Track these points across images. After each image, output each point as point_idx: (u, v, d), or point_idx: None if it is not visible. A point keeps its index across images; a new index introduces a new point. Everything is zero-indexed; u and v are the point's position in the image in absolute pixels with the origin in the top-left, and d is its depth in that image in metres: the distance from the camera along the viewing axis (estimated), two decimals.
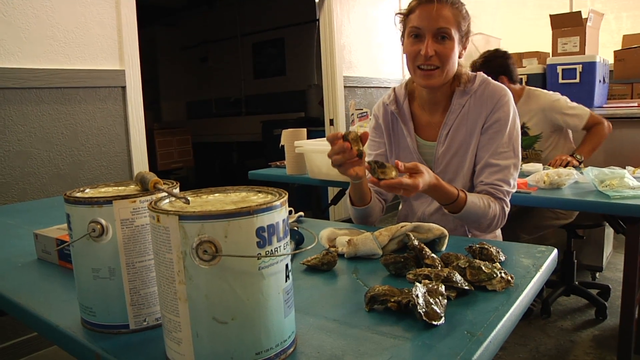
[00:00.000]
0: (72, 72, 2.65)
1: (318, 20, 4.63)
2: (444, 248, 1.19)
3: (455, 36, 1.40)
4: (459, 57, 1.47)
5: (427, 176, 1.25)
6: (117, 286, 0.80)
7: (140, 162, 2.98)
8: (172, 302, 0.66)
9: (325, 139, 2.94)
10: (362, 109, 2.71)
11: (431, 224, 1.21)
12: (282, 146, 2.75)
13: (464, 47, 1.48)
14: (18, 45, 2.46)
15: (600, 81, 3.75)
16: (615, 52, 4.03)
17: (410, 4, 1.45)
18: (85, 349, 0.80)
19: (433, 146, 1.54)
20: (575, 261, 2.81)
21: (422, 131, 1.57)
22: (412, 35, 1.43)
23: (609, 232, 3.25)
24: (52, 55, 2.60)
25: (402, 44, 1.51)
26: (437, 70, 1.42)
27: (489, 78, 1.52)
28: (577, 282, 2.82)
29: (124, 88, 2.88)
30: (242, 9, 7.47)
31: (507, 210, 1.44)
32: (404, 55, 1.50)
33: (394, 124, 1.61)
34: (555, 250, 1.14)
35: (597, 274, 3.22)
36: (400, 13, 1.48)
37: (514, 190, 1.46)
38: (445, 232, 1.19)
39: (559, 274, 2.84)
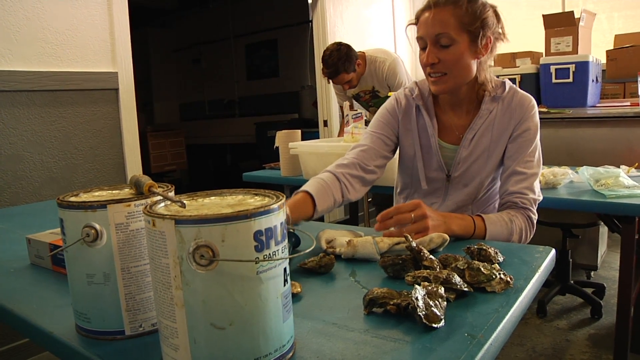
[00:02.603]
0: (64, 74, 2.63)
1: (311, 21, 4.62)
2: (441, 249, 1.18)
3: (461, 37, 1.34)
4: (478, 58, 1.40)
5: (430, 210, 1.21)
6: (112, 292, 0.79)
7: (133, 164, 2.96)
8: (169, 308, 0.65)
9: (319, 141, 2.93)
10: (356, 110, 2.70)
11: (432, 234, 1.20)
12: (277, 148, 2.74)
13: (485, 47, 1.38)
14: (8, 48, 2.44)
15: (593, 81, 3.76)
16: (607, 51, 4.04)
17: (417, 13, 1.42)
18: (80, 356, 0.78)
19: (454, 149, 1.51)
20: (571, 260, 2.82)
21: (442, 133, 1.53)
22: (420, 46, 1.41)
23: (604, 231, 3.25)
24: (43, 57, 2.57)
25: None
26: (444, 76, 1.39)
27: (515, 86, 1.49)
28: (572, 281, 2.83)
29: (116, 90, 2.86)
30: (234, 11, 7.45)
31: (535, 218, 1.40)
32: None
33: (418, 119, 1.55)
34: (554, 251, 1.14)
35: (592, 273, 3.23)
36: (411, 23, 1.45)
37: (540, 199, 1.42)
38: (447, 237, 1.18)
39: (554, 273, 2.85)
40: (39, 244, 1.24)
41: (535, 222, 1.41)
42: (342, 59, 3.07)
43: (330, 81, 3.31)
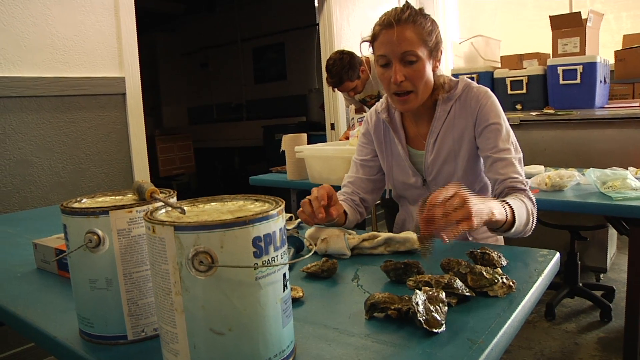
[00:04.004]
0: (72, 80, 2.66)
1: (318, 24, 4.63)
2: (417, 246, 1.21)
3: (424, 54, 1.37)
4: (434, 70, 1.44)
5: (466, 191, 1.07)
6: (115, 297, 0.80)
7: (141, 169, 2.97)
8: (169, 313, 0.65)
9: (325, 144, 2.94)
10: (362, 113, 2.70)
11: (408, 235, 1.22)
12: (283, 151, 2.75)
13: (438, 60, 1.44)
14: (18, 54, 2.46)
15: (601, 81, 3.74)
16: (615, 52, 4.01)
17: (373, 29, 1.42)
18: None
19: (422, 155, 1.54)
20: (579, 263, 2.80)
21: (412, 141, 1.58)
22: (381, 63, 1.41)
23: (613, 233, 3.23)
24: (52, 63, 2.60)
25: None
26: (411, 94, 1.41)
27: (472, 82, 1.50)
28: (581, 284, 2.81)
29: (124, 95, 2.88)
30: (241, 14, 7.48)
31: (534, 198, 1.37)
32: None
33: (385, 132, 1.61)
34: (558, 254, 1.13)
35: (602, 276, 3.20)
36: (365, 40, 1.46)
37: (529, 182, 1.43)
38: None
39: (562, 276, 2.83)
40: (45, 248, 1.25)
41: (535, 202, 1.37)
42: (345, 67, 3.07)
43: (336, 89, 3.31)
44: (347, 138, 3.15)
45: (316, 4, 4.58)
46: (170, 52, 8.15)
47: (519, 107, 4.00)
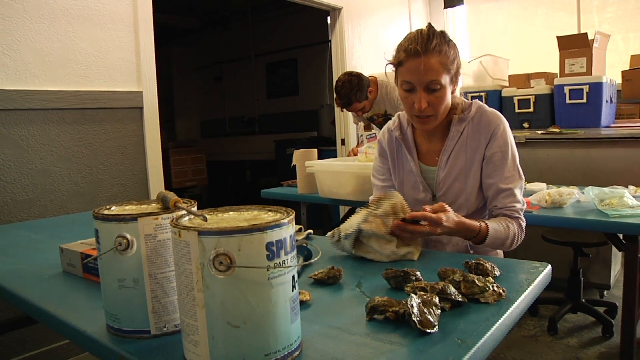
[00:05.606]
0: (93, 93, 2.77)
1: (330, 41, 4.75)
2: (415, 257, 1.33)
3: (446, 81, 1.45)
4: (452, 93, 1.53)
5: (451, 214, 1.34)
6: (141, 295, 0.89)
7: (156, 180, 3.07)
8: (191, 308, 0.74)
9: (335, 160, 3.03)
10: (371, 131, 2.80)
11: (409, 249, 1.35)
12: (294, 166, 2.84)
13: (456, 83, 1.53)
14: (42, 69, 2.59)
15: (607, 101, 3.80)
16: (623, 72, 4.07)
17: (398, 54, 1.50)
18: (110, 352, 0.88)
19: (434, 171, 1.62)
20: (582, 279, 2.85)
21: (423, 157, 1.65)
22: (405, 88, 1.49)
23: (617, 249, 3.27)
24: (74, 77, 2.72)
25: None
26: (431, 117, 1.50)
27: (485, 105, 1.59)
28: (584, 300, 2.86)
29: (141, 109, 2.99)
30: (255, 30, 7.63)
31: (524, 224, 1.52)
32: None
33: (398, 149, 1.69)
34: (549, 266, 1.21)
35: (605, 292, 3.25)
36: (390, 63, 1.54)
37: (525, 207, 1.55)
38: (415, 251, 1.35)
39: (565, 292, 2.88)
40: (71, 253, 1.34)
41: (524, 227, 1.53)
42: (353, 89, 3.14)
43: (344, 109, 3.40)
44: (355, 154, 3.23)
45: (328, 21, 4.70)
46: (185, 66, 8.31)
47: (526, 125, 4.07)
